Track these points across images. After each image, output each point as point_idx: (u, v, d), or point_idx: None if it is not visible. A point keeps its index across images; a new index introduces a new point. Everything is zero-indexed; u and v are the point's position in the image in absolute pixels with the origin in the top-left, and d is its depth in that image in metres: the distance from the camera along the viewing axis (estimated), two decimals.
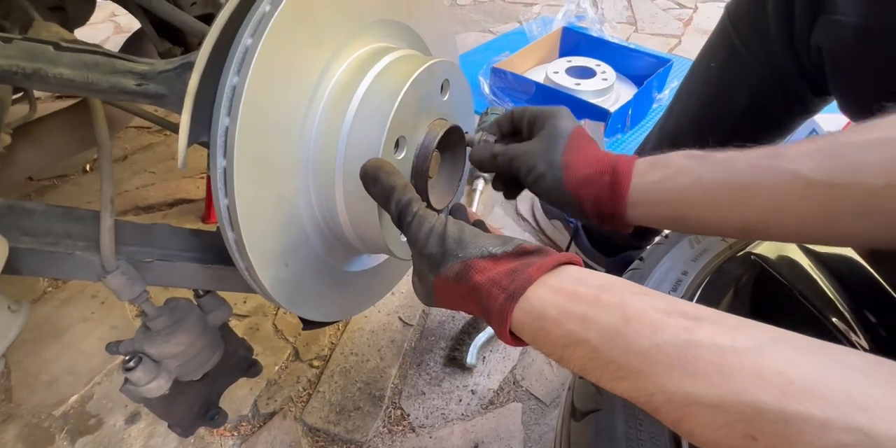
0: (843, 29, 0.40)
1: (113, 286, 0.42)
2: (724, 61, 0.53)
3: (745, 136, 0.54)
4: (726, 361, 0.20)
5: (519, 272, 0.27)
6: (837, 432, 0.17)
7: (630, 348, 0.23)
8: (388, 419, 0.62)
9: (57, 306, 0.77)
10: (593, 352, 0.24)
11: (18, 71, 0.33)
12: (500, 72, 1.17)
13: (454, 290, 0.29)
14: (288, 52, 0.32)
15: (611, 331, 0.24)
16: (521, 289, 0.27)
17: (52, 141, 0.58)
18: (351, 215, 0.38)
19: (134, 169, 1.04)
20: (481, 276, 0.28)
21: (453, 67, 0.42)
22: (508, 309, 0.27)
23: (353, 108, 0.36)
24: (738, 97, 0.53)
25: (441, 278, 0.30)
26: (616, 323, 0.24)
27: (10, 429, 0.63)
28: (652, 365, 0.22)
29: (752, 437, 0.19)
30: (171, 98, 0.36)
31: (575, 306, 0.25)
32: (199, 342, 0.46)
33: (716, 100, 0.56)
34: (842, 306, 0.46)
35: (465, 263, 0.29)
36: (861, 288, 0.47)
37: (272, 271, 0.36)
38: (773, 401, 0.19)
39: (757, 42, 0.49)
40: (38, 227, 0.45)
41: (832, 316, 0.45)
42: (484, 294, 0.28)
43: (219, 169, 0.31)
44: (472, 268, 0.29)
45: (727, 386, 0.20)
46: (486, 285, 0.28)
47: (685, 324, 0.23)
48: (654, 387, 0.22)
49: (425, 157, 0.40)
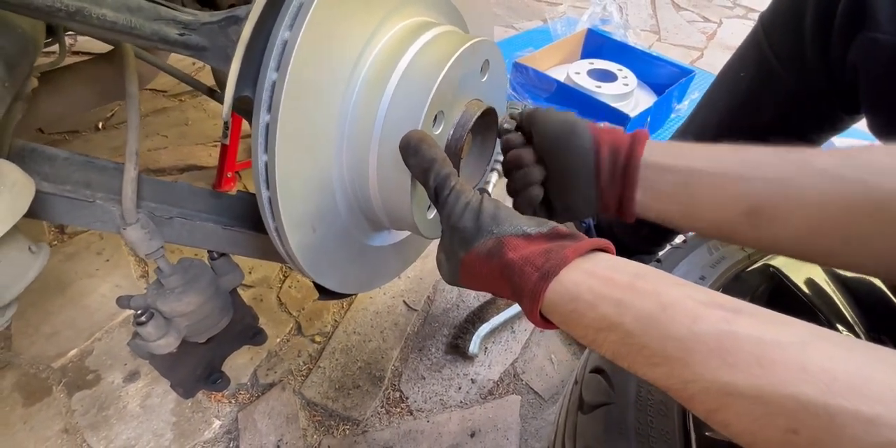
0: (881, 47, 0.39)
1: (131, 239, 0.41)
2: (755, 72, 0.52)
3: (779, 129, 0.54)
4: (767, 354, 0.20)
5: (554, 252, 0.27)
6: (886, 429, 0.17)
7: (667, 334, 0.22)
8: (387, 400, 0.62)
9: (62, 260, 0.76)
10: (627, 336, 0.24)
11: (62, 7, 0.32)
12: (523, 67, 1.16)
13: (485, 267, 0.29)
14: (340, 12, 0.32)
15: (646, 316, 0.23)
16: (555, 269, 0.26)
17: (76, 91, 0.57)
18: (382, 187, 0.38)
19: (146, 131, 1.03)
20: (515, 253, 0.28)
21: (494, 49, 0.42)
22: (542, 288, 0.26)
23: (395, 78, 0.36)
24: (766, 109, 0.52)
25: (473, 254, 0.29)
26: (652, 309, 0.23)
27: (8, 376, 0.62)
28: (689, 353, 0.22)
29: (794, 431, 0.18)
30: (213, 51, 0.35)
31: (610, 291, 0.25)
32: (210, 304, 0.46)
33: (742, 110, 0.55)
34: (857, 325, 0.46)
35: (500, 240, 0.29)
36: (877, 308, 0.47)
37: (299, 235, 0.35)
38: (817, 395, 0.18)
39: (790, 55, 0.47)
40: (60, 173, 0.44)
41: (845, 330, 0.46)
42: (517, 271, 0.27)
43: (261, 124, 0.30)
44: (506, 245, 0.28)
45: (769, 378, 0.20)
46: (520, 263, 0.27)
47: (724, 315, 0.22)
48: (691, 375, 0.21)
49: (461, 136, 0.39)
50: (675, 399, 0.23)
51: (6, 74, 0.36)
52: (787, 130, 0.53)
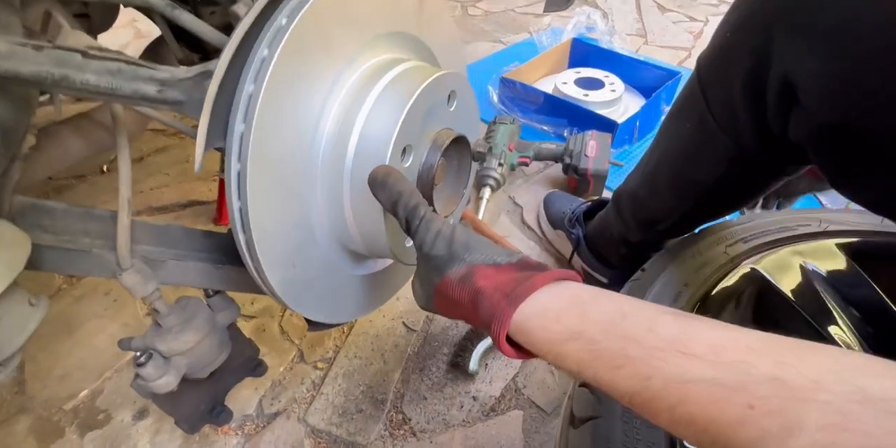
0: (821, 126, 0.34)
1: (127, 283, 0.43)
2: (695, 128, 0.47)
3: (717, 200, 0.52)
4: (720, 342, 0.22)
5: (523, 280, 0.28)
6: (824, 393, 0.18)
7: (627, 335, 0.24)
8: (390, 423, 0.63)
9: (71, 303, 0.79)
10: (590, 343, 0.24)
11: (48, 77, 0.35)
12: (509, 82, 1.19)
13: (457, 293, 0.30)
14: (302, 63, 0.34)
15: (608, 322, 0.25)
16: (523, 295, 0.27)
17: (73, 143, 0.60)
18: (358, 220, 0.39)
19: (149, 170, 1.07)
20: (485, 281, 0.29)
21: (460, 79, 0.44)
22: (509, 313, 0.27)
23: (362, 117, 0.37)
24: (710, 168, 0.48)
25: (445, 281, 0.30)
26: (613, 316, 0.25)
27: (22, 421, 0.64)
28: (649, 350, 0.23)
29: (750, 405, 0.19)
30: (190, 104, 0.38)
31: (573, 306, 0.26)
32: (208, 341, 0.48)
33: (687, 166, 0.51)
34: (842, 319, 0.46)
35: (471, 268, 0.30)
36: (862, 301, 0.47)
37: (280, 272, 0.37)
38: (767, 369, 0.20)
39: (728, 123, 0.43)
40: (58, 225, 0.46)
41: (833, 329, 0.45)
42: (487, 297, 0.28)
43: (233, 173, 0.32)
44: (477, 273, 0.29)
45: (722, 361, 0.21)
46: (490, 290, 0.28)
47: (678, 319, 0.24)
48: (652, 370, 0.22)
49: (431, 165, 0.41)
50: (638, 409, 0.23)
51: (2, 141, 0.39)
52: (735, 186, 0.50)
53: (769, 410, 0.19)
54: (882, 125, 0.31)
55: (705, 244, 0.51)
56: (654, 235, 0.63)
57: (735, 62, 0.39)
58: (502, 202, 0.99)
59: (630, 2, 1.85)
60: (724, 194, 0.51)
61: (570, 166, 0.96)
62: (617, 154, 1.10)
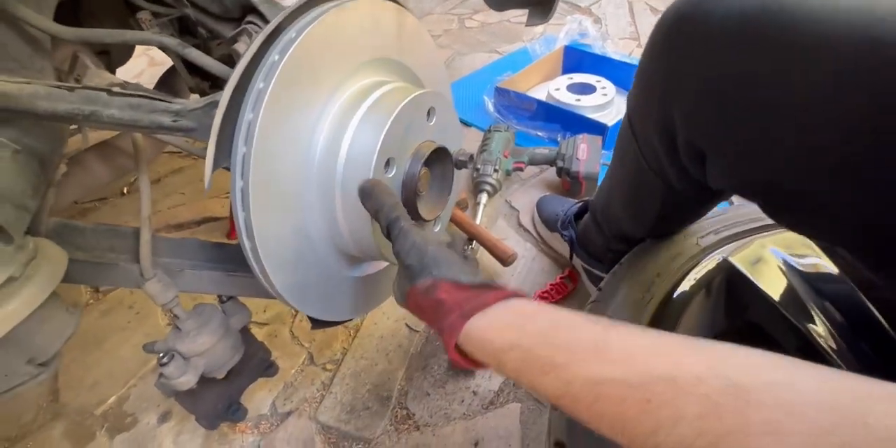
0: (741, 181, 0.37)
1: (150, 292, 0.48)
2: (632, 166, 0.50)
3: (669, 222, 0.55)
4: (633, 348, 0.25)
5: (476, 297, 0.32)
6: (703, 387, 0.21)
7: (556, 344, 0.27)
8: (395, 418, 0.67)
9: (97, 317, 0.85)
10: (525, 352, 0.28)
11: (80, 113, 0.40)
12: (503, 91, 1.23)
13: (422, 301, 0.34)
14: (293, 92, 0.39)
15: (542, 334, 0.28)
16: (475, 310, 0.31)
17: (98, 168, 0.66)
18: (349, 226, 0.44)
19: (166, 190, 1.14)
20: (446, 295, 0.33)
21: (438, 96, 0.48)
22: (459, 325, 0.30)
23: (349, 135, 0.42)
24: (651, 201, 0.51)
25: (415, 288, 0.34)
26: (547, 328, 0.28)
27: (57, 426, 0.70)
28: (571, 356, 0.26)
29: (647, 400, 0.22)
30: (200, 131, 0.43)
31: (515, 320, 0.30)
32: (223, 342, 0.52)
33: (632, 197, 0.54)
34: (811, 306, 0.48)
35: (436, 282, 0.33)
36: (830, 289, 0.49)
37: (283, 275, 0.41)
38: (665, 369, 0.23)
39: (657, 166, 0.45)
40: (88, 242, 0.52)
41: (801, 315, 0.48)
42: (445, 309, 0.32)
43: (237, 189, 0.37)
44: (440, 287, 0.33)
45: (629, 365, 0.24)
46: (448, 303, 0.32)
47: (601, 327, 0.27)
48: (572, 375, 0.25)
49: (413, 175, 0.45)
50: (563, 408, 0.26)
51: (41, 170, 0.44)
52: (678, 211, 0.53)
53: (661, 403, 0.22)
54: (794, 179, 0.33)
55: (678, 237, 0.54)
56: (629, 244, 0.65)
57: (648, 118, 0.42)
58: (499, 206, 1.03)
59: (623, 6, 1.89)
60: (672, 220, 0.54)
61: (562, 169, 0.99)
62: (609, 155, 1.13)
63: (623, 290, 0.49)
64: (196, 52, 0.51)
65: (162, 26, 0.65)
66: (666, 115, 0.39)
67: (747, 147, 0.34)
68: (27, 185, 0.42)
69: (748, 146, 0.34)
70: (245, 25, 0.52)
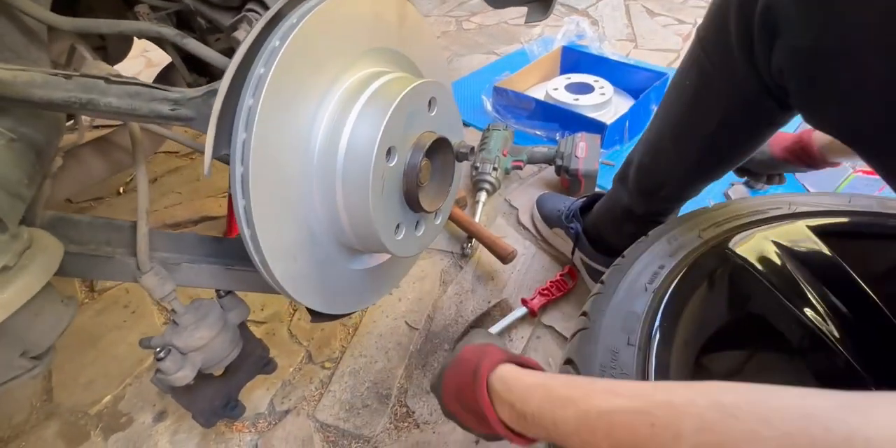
0: (797, 51, 0.41)
1: (147, 285, 0.47)
2: (696, 82, 0.55)
3: (718, 149, 0.58)
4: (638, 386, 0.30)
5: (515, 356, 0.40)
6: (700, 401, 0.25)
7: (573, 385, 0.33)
8: (395, 416, 0.66)
9: (92, 316, 0.84)
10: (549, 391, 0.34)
11: (77, 101, 0.40)
12: (502, 90, 1.23)
13: None
14: (293, 78, 0.38)
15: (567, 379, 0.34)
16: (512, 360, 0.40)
17: (95, 163, 0.65)
18: (349, 215, 0.43)
19: (163, 190, 1.13)
20: None
21: (439, 86, 0.48)
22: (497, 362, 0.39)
23: (350, 123, 0.42)
24: (710, 115, 0.55)
25: None
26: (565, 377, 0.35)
27: (51, 426, 0.68)
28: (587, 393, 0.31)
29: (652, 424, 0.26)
30: (199, 120, 0.43)
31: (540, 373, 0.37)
32: (220, 337, 0.51)
33: (690, 118, 0.58)
34: (812, 296, 0.48)
35: None
36: (831, 279, 0.49)
37: (282, 265, 0.41)
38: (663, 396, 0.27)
39: (723, 64, 0.51)
40: (84, 235, 0.51)
41: (804, 305, 0.48)
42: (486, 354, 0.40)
43: (237, 175, 0.36)
44: None
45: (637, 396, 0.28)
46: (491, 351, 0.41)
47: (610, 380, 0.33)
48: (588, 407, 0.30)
49: (414, 165, 0.45)
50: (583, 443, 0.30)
51: (36, 160, 0.44)
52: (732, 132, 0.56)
53: (664, 425, 0.25)
54: (849, 47, 0.35)
55: (681, 230, 0.54)
56: (657, 203, 0.67)
57: (729, 2, 0.46)
58: (499, 205, 1.02)
59: (620, 8, 1.91)
60: (722, 144, 0.57)
61: (561, 168, 0.99)
62: (608, 154, 1.13)
63: (625, 283, 0.49)
64: (195, 43, 0.50)
65: (160, 20, 0.65)
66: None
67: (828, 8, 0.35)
68: (22, 174, 0.41)
69: None
70: (245, 13, 0.52)
